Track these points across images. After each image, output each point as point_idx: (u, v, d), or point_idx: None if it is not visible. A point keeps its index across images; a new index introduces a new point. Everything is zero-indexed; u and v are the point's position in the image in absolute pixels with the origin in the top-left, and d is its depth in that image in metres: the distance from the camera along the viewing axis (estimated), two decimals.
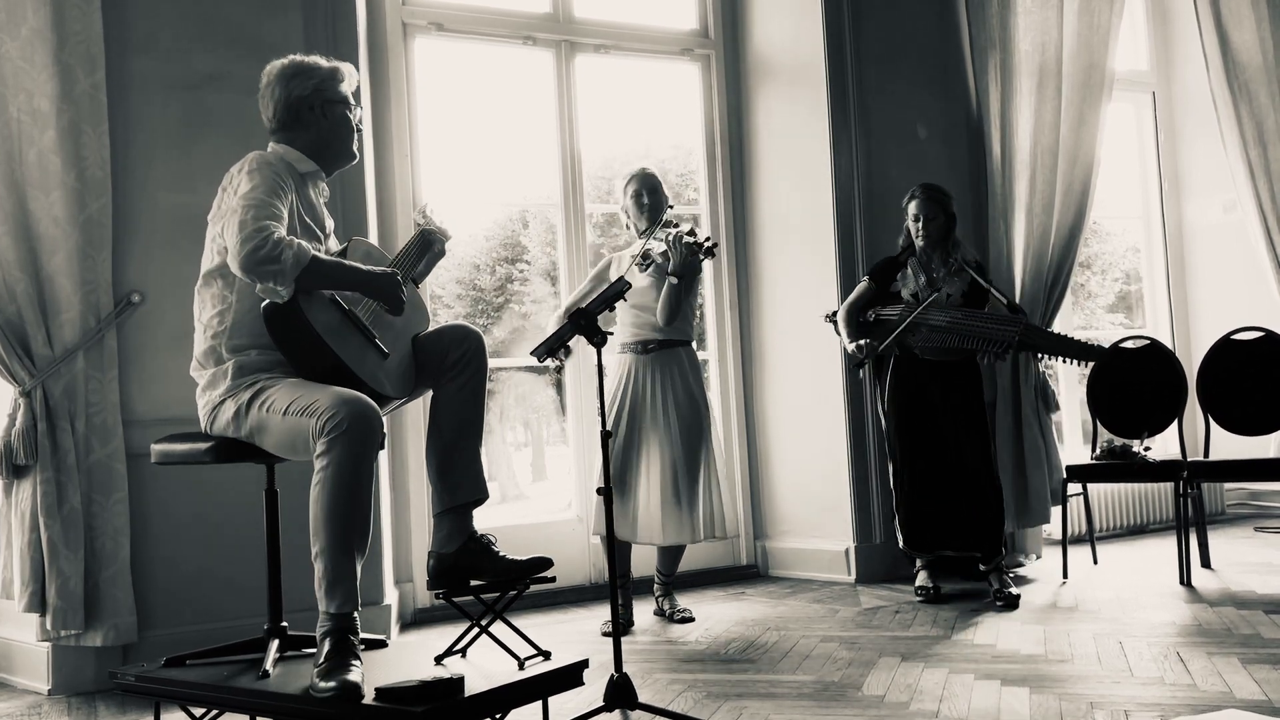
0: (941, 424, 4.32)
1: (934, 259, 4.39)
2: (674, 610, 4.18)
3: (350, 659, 2.44)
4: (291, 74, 2.83)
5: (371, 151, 4.38)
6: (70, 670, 3.47)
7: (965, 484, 4.29)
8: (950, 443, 4.31)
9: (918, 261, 4.40)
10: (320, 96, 2.83)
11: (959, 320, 4.23)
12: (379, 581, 3.95)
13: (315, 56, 2.90)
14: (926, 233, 4.34)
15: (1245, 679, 2.92)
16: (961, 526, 4.30)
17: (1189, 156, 6.38)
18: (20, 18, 3.44)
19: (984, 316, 4.26)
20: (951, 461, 4.30)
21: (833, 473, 4.89)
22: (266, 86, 2.85)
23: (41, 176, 3.45)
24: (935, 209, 4.34)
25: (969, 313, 4.27)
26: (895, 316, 4.31)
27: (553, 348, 3.04)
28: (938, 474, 4.32)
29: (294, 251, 2.53)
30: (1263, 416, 4.73)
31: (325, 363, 2.61)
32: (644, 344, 4.14)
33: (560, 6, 4.99)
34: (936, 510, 4.31)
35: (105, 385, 3.53)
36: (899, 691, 2.99)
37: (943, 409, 4.32)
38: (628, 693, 2.79)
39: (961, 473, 4.29)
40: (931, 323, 4.24)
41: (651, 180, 4.19)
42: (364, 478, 2.51)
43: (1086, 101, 5.18)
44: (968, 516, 4.29)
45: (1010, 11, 5.13)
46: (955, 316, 4.25)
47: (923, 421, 4.34)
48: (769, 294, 5.18)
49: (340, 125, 2.86)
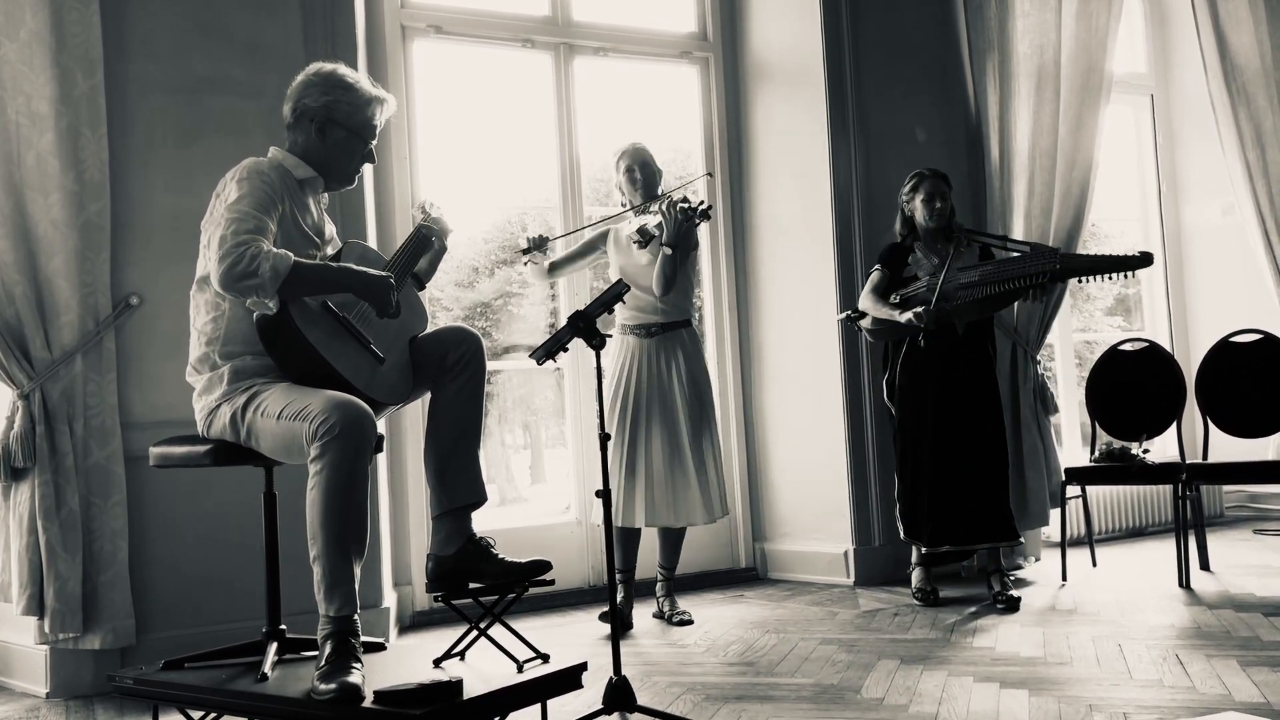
0: (950, 414, 4.26)
1: (938, 240, 4.38)
2: (673, 613, 4.18)
3: (350, 661, 2.44)
4: (314, 82, 2.80)
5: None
6: (68, 673, 3.46)
7: (972, 477, 4.23)
8: (959, 433, 4.24)
9: (924, 245, 4.39)
10: (328, 115, 2.79)
11: (990, 270, 4.18)
12: (377, 584, 3.95)
13: (360, 76, 2.84)
14: (940, 212, 4.33)
15: (1244, 681, 2.92)
16: (966, 520, 4.22)
17: (1187, 159, 6.38)
18: (19, 20, 3.44)
19: (1016, 260, 4.20)
20: (959, 454, 4.24)
21: (832, 475, 4.89)
22: (296, 85, 2.83)
23: (40, 179, 3.45)
24: (946, 189, 4.36)
25: (998, 262, 4.23)
26: (923, 289, 4.26)
27: (551, 350, 3.04)
28: (944, 467, 4.24)
29: (272, 263, 2.51)
30: (1261, 419, 4.73)
31: (319, 371, 2.61)
32: (647, 328, 4.15)
33: (559, 9, 4.99)
34: (939, 503, 4.24)
35: (104, 388, 3.52)
36: (898, 694, 2.99)
37: (952, 397, 4.26)
38: (627, 695, 2.79)
39: (969, 466, 4.23)
40: (963, 280, 4.19)
41: (643, 154, 4.21)
42: (358, 481, 2.51)
43: (1085, 104, 5.18)
44: (973, 510, 4.21)
45: (1009, 14, 5.14)
46: (985, 267, 4.21)
47: (930, 412, 4.28)
48: (767, 296, 5.18)
49: (335, 149, 2.80)
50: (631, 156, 4.20)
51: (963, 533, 4.22)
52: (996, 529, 4.22)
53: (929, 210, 4.34)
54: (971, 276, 4.19)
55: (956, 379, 4.27)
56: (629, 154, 4.21)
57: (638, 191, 4.18)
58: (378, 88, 2.87)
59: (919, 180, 4.40)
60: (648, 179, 4.18)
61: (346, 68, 2.86)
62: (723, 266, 5.25)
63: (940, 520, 4.23)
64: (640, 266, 4.12)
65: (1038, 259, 4.12)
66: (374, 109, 2.83)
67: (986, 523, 4.22)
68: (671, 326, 4.16)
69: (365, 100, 2.81)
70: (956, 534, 4.23)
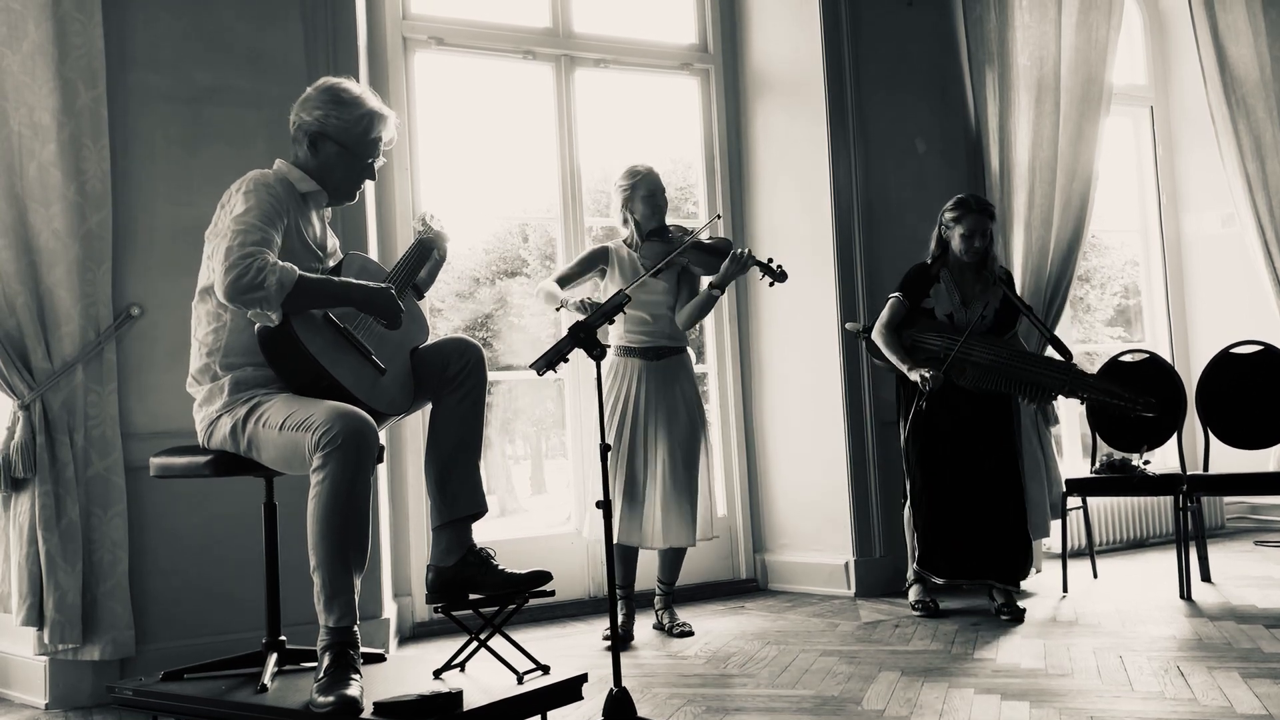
0: (969, 448, 4.23)
1: (968, 274, 4.30)
2: (673, 624, 4.17)
3: (350, 673, 2.44)
4: (312, 96, 2.82)
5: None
6: (67, 684, 3.45)
7: (989, 512, 4.21)
8: (977, 468, 4.22)
9: (949, 275, 4.31)
10: (321, 130, 2.78)
11: (1003, 361, 4.14)
12: (377, 595, 3.94)
13: (363, 90, 2.85)
14: (978, 251, 4.22)
15: (1246, 693, 2.92)
16: (981, 555, 4.21)
17: (1187, 170, 6.39)
18: (22, 32, 3.45)
19: (1031, 359, 4.20)
20: (976, 489, 4.21)
21: (832, 486, 4.89)
22: (300, 100, 2.84)
23: (42, 190, 3.45)
24: (988, 225, 4.22)
25: (1016, 354, 4.19)
26: (936, 346, 4.20)
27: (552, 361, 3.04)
28: (961, 501, 4.22)
29: (277, 276, 2.52)
30: (1262, 430, 4.73)
31: (321, 382, 2.62)
32: (656, 350, 4.15)
33: (560, 21, 5.01)
34: (957, 538, 4.22)
35: (104, 398, 3.52)
36: (899, 706, 2.98)
37: (971, 433, 4.23)
38: (627, 707, 2.78)
39: (986, 500, 4.21)
40: (974, 359, 4.14)
41: (659, 180, 4.22)
42: (360, 492, 2.51)
43: (1085, 115, 5.19)
44: (989, 545, 4.21)
45: (1008, 26, 5.15)
46: (1000, 355, 4.14)
47: (949, 446, 4.24)
48: (768, 308, 5.18)
49: (329, 163, 2.80)
50: (652, 184, 4.16)
51: (974, 568, 4.23)
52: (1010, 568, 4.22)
53: (967, 246, 4.22)
54: (984, 359, 4.15)
55: (974, 414, 4.23)
56: (647, 180, 4.16)
57: (654, 217, 4.16)
58: (379, 103, 2.86)
59: (964, 212, 4.22)
60: (664, 205, 4.20)
61: (351, 82, 2.86)
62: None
63: (956, 555, 4.23)
64: (656, 293, 4.12)
65: (1050, 369, 4.14)
66: (368, 124, 2.81)
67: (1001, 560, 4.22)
68: (677, 351, 4.19)
69: (358, 116, 2.80)
70: (970, 569, 4.23)
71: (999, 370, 4.14)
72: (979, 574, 4.23)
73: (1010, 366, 4.15)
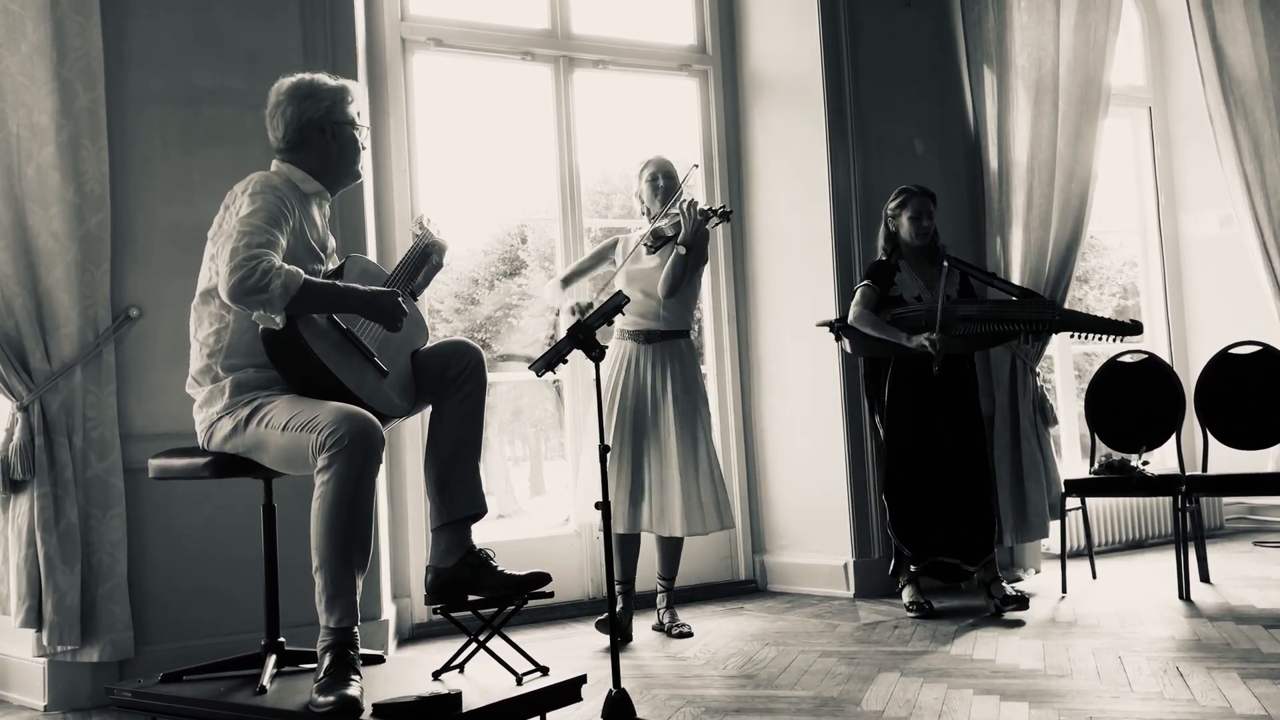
0: (938, 429, 4.33)
1: (923, 260, 4.43)
2: (673, 625, 4.17)
3: (350, 674, 2.44)
4: (303, 95, 2.83)
5: (370, 166, 4.39)
6: (66, 686, 3.45)
7: (959, 490, 4.32)
8: (946, 448, 4.32)
9: (909, 265, 4.43)
10: (331, 119, 2.83)
11: (989, 309, 4.27)
12: (377, 596, 3.94)
13: (322, 75, 2.90)
14: (926, 230, 4.38)
15: (1245, 694, 2.92)
16: (953, 532, 4.31)
17: (1185, 171, 6.40)
18: (20, 34, 3.45)
19: (1013, 304, 4.29)
20: (946, 468, 4.32)
21: (831, 487, 4.89)
22: (276, 106, 2.85)
23: (40, 191, 3.45)
24: (932, 207, 4.41)
25: (998, 302, 4.30)
26: (920, 313, 4.28)
27: (551, 362, 3.04)
28: (931, 480, 4.33)
29: (283, 280, 2.52)
30: (1261, 430, 4.73)
31: (325, 384, 2.62)
32: (646, 333, 4.16)
33: (559, 23, 5.01)
34: (929, 515, 4.33)
35: (103, 400, 3.52)
36: (898, 706, 2.98)
37: (940, 414, 4.34)
38: (626, 708, 2.78)
39: (956, 480, 4.32)
40: (961, 313, 4.24)
41: (668, 165, 4.28)
42: (365, 493, 2.51)
43: (1083, 116, 5.19)
44: (960, 523, 4.31)
45: (1006, 27, 5.16)
46: (984, 306, 4.28)
47: (919, 427, 4.34)
48: (766, 307, 5.18)
49: (348, 147, 2.87)
50: (657, 165, 4.27)
51: (938, 545, 4.34)
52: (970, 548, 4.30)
53: (916, 228, 4.39)
54: (970, 311, 4.24)
55: (940, 396, 4.33)
56: (654, 163, 4.28)
57: (657, 199, 4.23)
58: (335, 80, 2.91)
59: (906, 197, 4.43)
60: (669, 189, 4.22)
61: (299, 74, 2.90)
62: (722, 277, 5.25)
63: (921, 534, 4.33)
64: (648, 270, 4.15)
65: (1036, 307, 4.25)
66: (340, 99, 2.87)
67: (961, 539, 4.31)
68: (671, 335, 4.17)
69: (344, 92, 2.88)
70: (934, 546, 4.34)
71: (988, 318, 4.24)
72: (942, 552, 4.34)
73: (996, 312, 4.27)
